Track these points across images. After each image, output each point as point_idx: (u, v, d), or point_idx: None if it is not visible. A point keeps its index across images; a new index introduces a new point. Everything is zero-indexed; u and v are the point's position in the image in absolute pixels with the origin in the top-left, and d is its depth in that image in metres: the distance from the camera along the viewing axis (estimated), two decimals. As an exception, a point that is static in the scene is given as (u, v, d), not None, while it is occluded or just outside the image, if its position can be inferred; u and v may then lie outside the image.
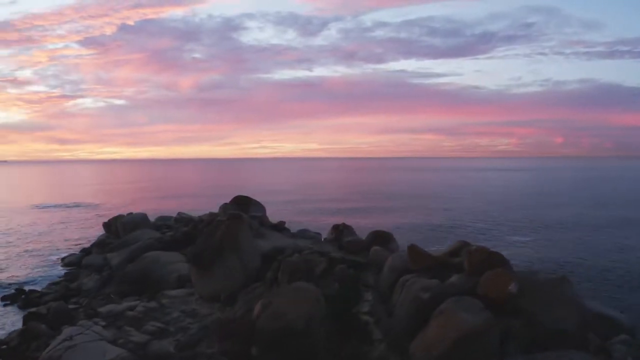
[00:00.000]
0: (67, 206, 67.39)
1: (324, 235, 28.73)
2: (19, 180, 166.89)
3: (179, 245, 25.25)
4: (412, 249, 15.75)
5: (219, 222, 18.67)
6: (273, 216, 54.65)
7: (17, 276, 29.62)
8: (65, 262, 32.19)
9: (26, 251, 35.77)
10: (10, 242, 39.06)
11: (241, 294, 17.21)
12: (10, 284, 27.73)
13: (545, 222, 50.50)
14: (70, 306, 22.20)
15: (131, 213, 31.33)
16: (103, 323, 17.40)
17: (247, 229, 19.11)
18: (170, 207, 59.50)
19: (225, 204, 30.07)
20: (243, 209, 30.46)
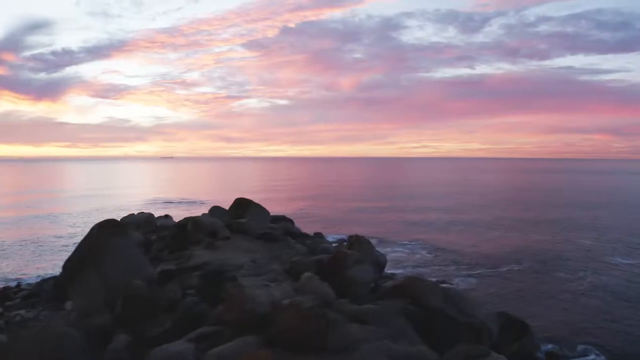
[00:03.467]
0: (177, 202, 69.98)
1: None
2: (164, 175, 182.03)
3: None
4: (230, 291, 10.86)
5: (92, 229, 15.82)
6: (399, 221, 49.85)
7: (36, 269, 30.66)
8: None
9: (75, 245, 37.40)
10: (72, 235, 41.59)
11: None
12: (18, 277, 28.38)
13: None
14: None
15: (142, 212, 30.40)
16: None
17: (125, 240, 15.87)
18: (289, 209, 59.73)
19: (216, 207, 27.41)
20: (239, 213, 27.51)
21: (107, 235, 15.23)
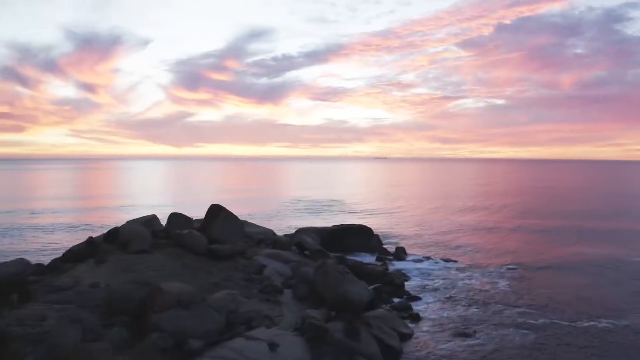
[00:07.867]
0: (318, 207, 66.35)
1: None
2: (364, 175, 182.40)
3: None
4: None
5: None
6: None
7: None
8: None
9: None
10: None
11: None
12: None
13: None
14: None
15: (154, 214, 29.47)
16: None
17: None
18: (446, 220, 53.76)
19: (175, 214, 24.85)
20: (208, 222, 24.58)
21: None
